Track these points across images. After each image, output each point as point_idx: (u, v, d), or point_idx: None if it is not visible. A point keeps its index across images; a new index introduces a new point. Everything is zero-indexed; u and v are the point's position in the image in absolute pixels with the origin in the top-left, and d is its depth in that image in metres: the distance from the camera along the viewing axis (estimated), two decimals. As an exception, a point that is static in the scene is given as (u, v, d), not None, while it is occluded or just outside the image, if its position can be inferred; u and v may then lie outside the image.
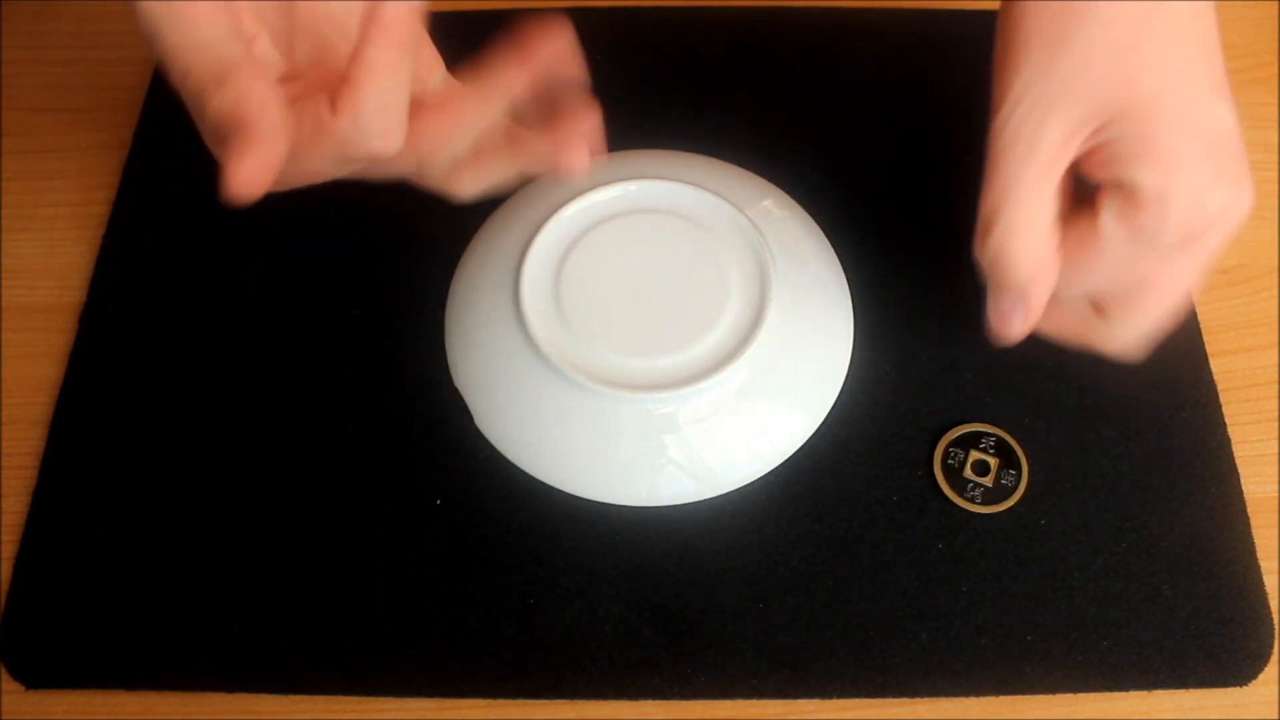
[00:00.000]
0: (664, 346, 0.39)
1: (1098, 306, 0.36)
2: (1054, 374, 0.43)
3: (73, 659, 0.38)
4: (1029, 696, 0.38)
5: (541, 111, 0.35)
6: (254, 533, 0.40)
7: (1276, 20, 0.53)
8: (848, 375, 0.42)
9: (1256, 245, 0.47)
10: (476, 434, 0.41)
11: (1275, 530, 0.41)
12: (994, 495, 0.40)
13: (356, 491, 0.41)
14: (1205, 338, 0.44)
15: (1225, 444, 0.42)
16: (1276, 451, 0.42)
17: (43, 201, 0.48)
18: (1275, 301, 0.46)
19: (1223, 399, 0.43)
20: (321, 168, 0.32)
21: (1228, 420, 0.42)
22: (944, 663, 0.38)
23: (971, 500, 0.40)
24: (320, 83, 0.33)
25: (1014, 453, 0.41)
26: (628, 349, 0.39)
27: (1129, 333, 0.36)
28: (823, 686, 0.38)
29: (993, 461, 0.41)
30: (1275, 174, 0.49)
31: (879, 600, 0.39)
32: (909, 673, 0.38)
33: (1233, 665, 0.38)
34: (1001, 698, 0.38)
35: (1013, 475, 0.40)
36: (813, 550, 0.40)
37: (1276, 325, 0.45)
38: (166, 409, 0.43)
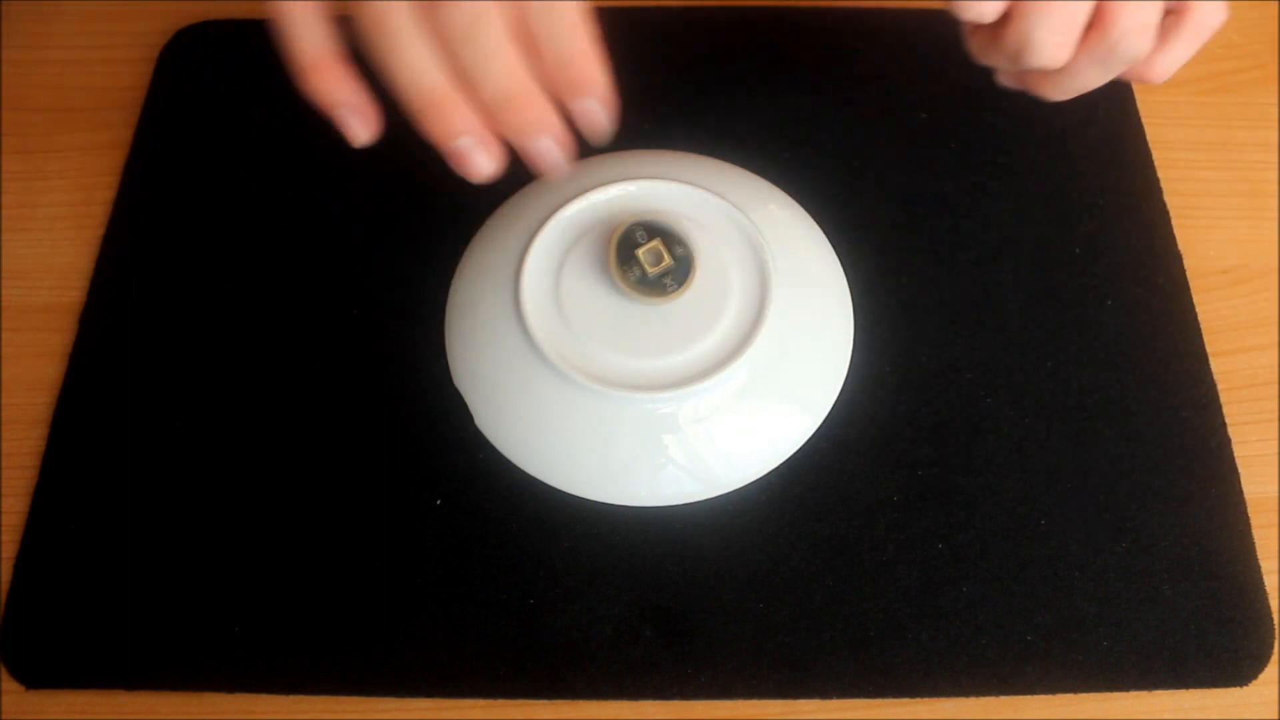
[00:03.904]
0: (664, 346, 0.39)
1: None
2: (1054, 374, 0.43)
3: (73, 659, 0.39)
4: (1029, 696, 0.38)
5: None
6: (254, 533, 0.40)
7: (1276, 20, 0.53)
8: (848, 375, 0.42)
9: (1256, 245, 0.47)
10: (476, 434, 0.41)
11: (1275, 530, 0.41)
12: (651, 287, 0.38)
13: (357, 491, 0.41)
14: (1205, 338, 0.44)
15: (1225, 444, 0.42)
16: (1276, 451, 0.42)
17: (43, 201, 0.48)
18: (1275, 301, 0.46)
19: (1223, 399, 0.43)
20: None
21: (1228, 420, 0.42)
22: (944, 663, 0.38)
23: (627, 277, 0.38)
24: None
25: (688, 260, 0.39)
26: (628, 349, 0.39)
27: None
28: (823, 686, 0.38)
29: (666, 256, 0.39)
30: (1275, 174, 0.49)
31: (879, 600, 0.39)
32: (909, 673, 0.38)
33: (1233, 665, 0.38)
34: (1001, 698, 0.38)
35: (672, 281, 0.39)
36: (813, 550, 0.40)
37: (1276, 325, 0.45)
38: (166, 409, 0.43)
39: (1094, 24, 0.35)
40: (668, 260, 0.39)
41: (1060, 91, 0.39)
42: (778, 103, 0.50)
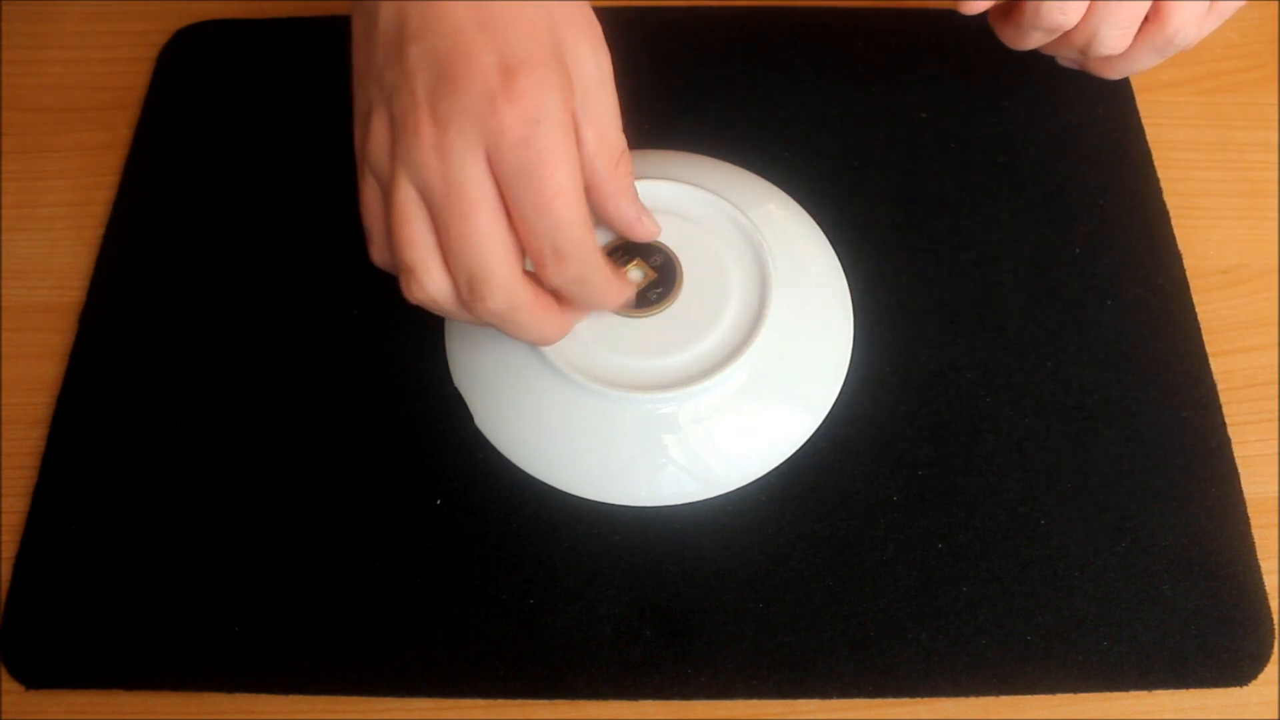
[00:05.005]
0: (664, 346, 0.39)
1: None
2: (1054, 374, 0.43)
3: (73, 659, 0.39)
4: (1029, 696, 0.38)
5: None
6: (254, 533, 0.40)
7: (1276, 20, 0.53)
8: (848, 375, 0.42)
9: (1256, 245, 0.47)
10: (476, 434, 0.41)
11: (1275, 530, 0.41)
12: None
13: (357, 492, 0.41)
14: (1205, 338, 0.44)
15: (1225, 444, 0.42)
16: (1276, 451, 0.42)
17: (43, 201, 0.48)
18: (1275, 301, 0.46)
19: (1223, 399, 0.43)
20: None
21: (1228, 420, 0.42)
22: (944, 663, 0.38)
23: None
24: None
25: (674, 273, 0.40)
26: (628, 349, 0.39)
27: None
28: (823, 686, 0.38)
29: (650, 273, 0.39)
30: (1275, 174, 0.49)
31: (879, 600, 0.39)
32: (909, 673, 0.38)
33: (1233, 665, 0.38)
34: (1001, 698, 0.38)
35: (658, 292, 0.39)
36: (813, 550, 0.40)
37: (1276, 325, 0.45)
38: (166, 409, 0.43)
39: (1152, 18, 0.40)
40: (650, 274, 0.39)
41: (1117, 72, 0.43)
42: (778, 103, 0.50)
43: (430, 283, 0.33)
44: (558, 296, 0.35)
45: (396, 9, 0.33)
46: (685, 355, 0.39)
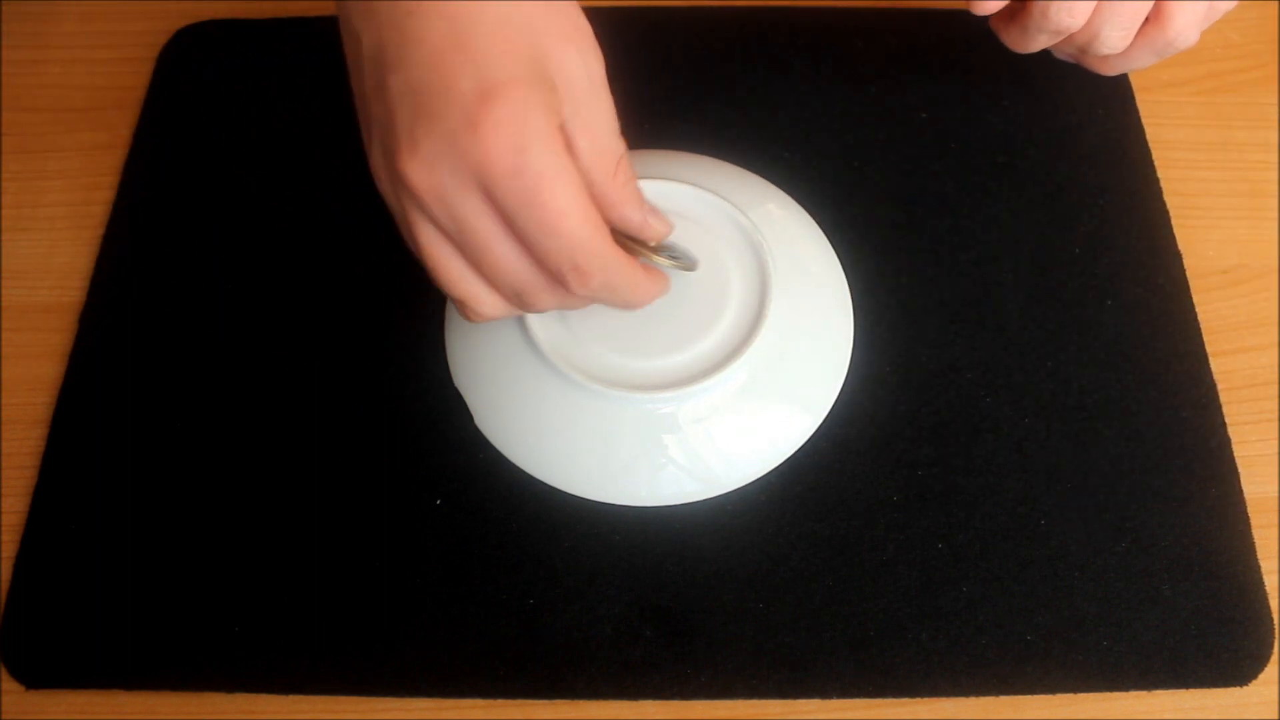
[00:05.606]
0: (664, 346, 0.39)
1: None
2: (1054, 374, 0.43)
3: (73, 659, 0.39)
4: (1029, 696, 0.38)
5: None
6: (254, 533, 0.40)
7: (1276, 20, 0.53)
8: (848, 375, 0.42)
9: (1256, 245, 0.47)
10: (476, 434, 0.41)
11: (1275, 530, 0.41)
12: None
13: (357, 492, 0.41)
14: (1205, 338, 0.44)
15: (1225, 444, 0.42)
16: (1276, 451, 0.42)
17: (43, 201, 0.48)
18: (1275, 301, 0.46)
19: (1223, 399, 0.43)
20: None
21: (1228, 420, 0.42)
22: (944, 663, 0.38)
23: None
24: None
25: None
26: (628, 349, 0.39)
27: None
28: (823, 686, 0.38)
29: None
30: (1275, 174, 0.49)
31: (879, 600, 0.39)
32: (909, 673, 0.38)
33: (1233, 665, 0.38)
34: (1001, 698, 0.38)
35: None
36: (813, 550, 0.40)
37: (1276, 325, 0.45)
38: (166, 409, 0.43)
39: (1153, 19, 0.40)
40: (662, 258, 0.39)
41: (1114, 70, 0.44)
42: (778, 103, 0.50)
43: (486, 307, 0.34)
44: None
45: (375, 33, 0.32)
46: (685, 355, 0.39)
